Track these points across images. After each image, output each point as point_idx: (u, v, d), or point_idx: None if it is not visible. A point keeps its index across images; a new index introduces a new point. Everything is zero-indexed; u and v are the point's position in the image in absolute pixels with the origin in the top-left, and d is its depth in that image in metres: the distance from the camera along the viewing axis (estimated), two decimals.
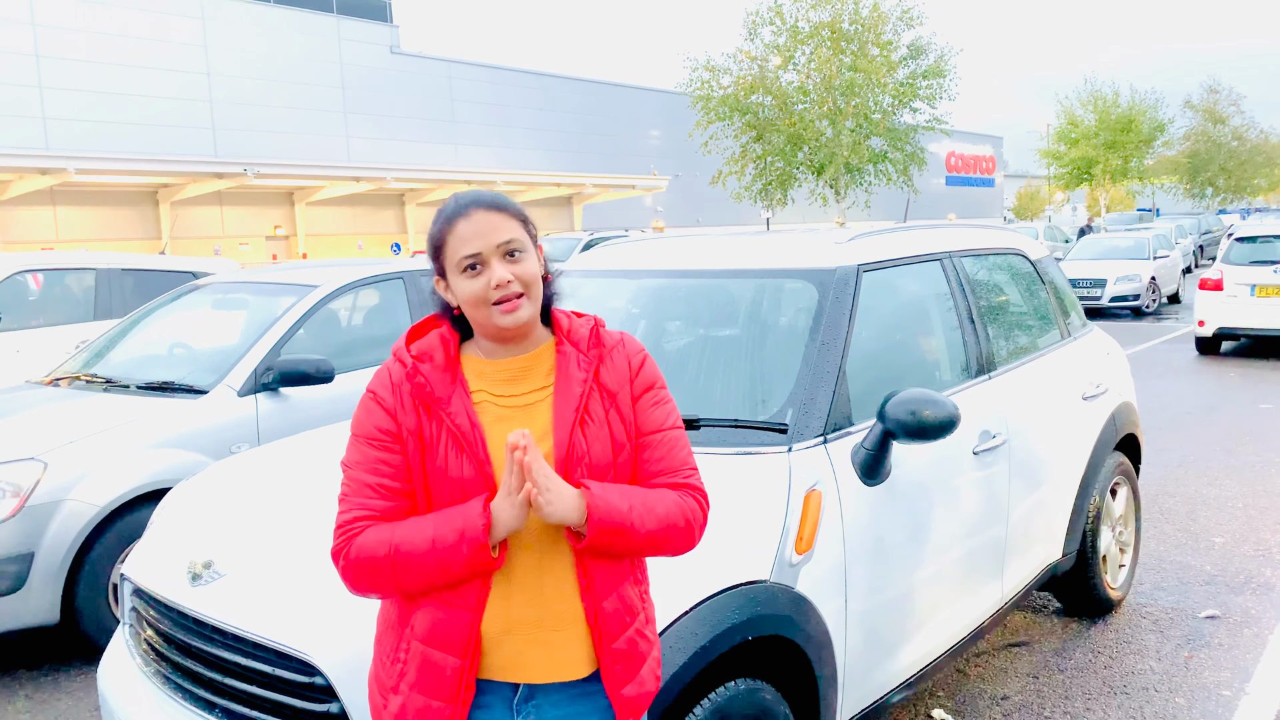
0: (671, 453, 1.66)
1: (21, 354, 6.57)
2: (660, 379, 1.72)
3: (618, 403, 1.65)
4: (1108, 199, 39.61)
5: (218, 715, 2.19)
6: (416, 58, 33.24)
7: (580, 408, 1.61)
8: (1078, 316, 4.43)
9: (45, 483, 3.89)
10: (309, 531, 2.33)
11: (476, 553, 1.50)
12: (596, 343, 1.68)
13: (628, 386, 1.67)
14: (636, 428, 1.66)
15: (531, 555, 1.58)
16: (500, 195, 1.65)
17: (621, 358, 1.68)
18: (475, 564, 1.52)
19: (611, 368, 1.67)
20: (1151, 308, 17.62)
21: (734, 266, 3.27)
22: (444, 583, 1.54)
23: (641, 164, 37.91)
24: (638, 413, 1.67)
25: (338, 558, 1.56)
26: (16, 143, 23.21)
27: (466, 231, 1.58)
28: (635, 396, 1.67)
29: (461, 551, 1.50)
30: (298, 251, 28.03)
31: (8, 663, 4.18)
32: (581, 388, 1.62)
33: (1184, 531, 5.40)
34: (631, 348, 1.71)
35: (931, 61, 23.36)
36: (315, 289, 5.04)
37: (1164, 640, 4.03)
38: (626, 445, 1.64)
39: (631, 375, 1.68)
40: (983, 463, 3.25)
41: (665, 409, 1.69)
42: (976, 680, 3.74)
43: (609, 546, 1.55)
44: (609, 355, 1.68)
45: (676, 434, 1.69)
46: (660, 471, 1.65)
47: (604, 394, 1.64)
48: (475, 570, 1.53)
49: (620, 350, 1.69)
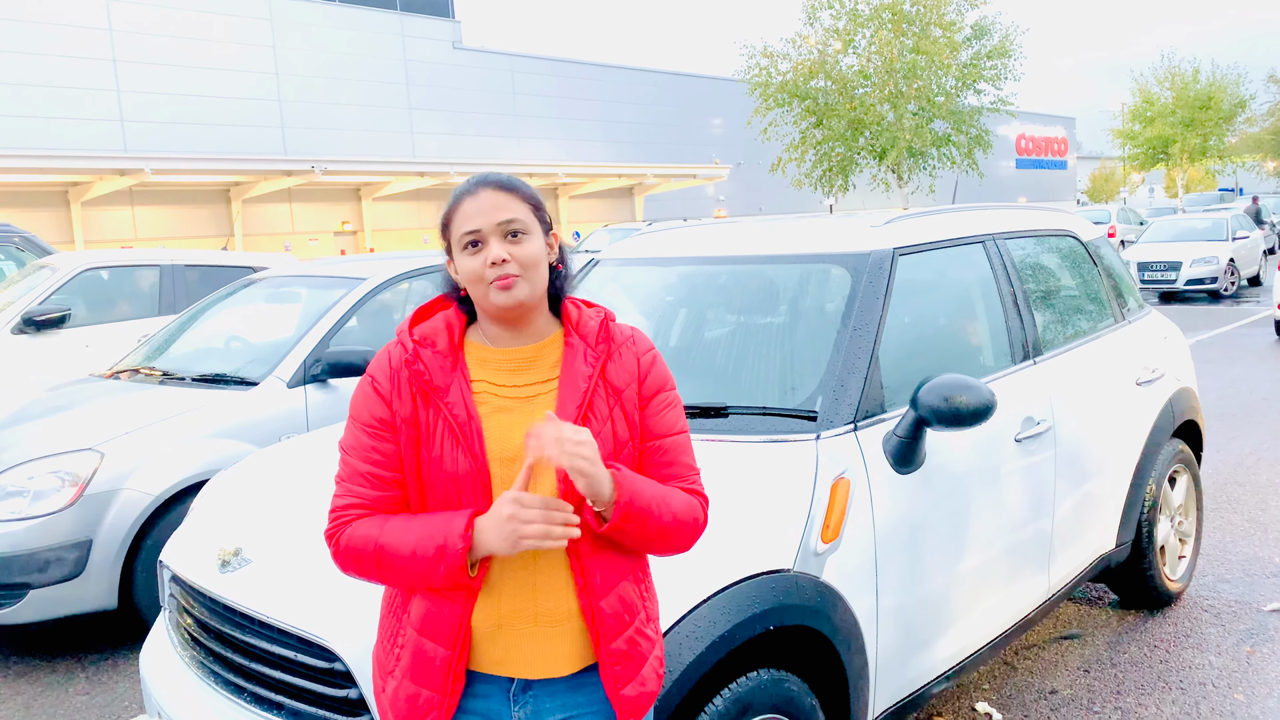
0: (679, 458, 1.65)
1: (90, 348, 6.79)
2: (670, 380, 1.69)
3: (623, 400, 1.61)
4: (1185, 179, 38.29)
5: (246, 699, 2.24)
6: (479, 52, 33.54)
7: (584, 404, 1.57)
8: (1134, 299, 4.28)
9: (103, 472, 4.02)
10: None
11: (453, 571, 1.49)
12: (605, 337, 1.65)
13: (635, 385, 1.63)
14: (646, 431, 1.63)
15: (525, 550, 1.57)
16: (515, 178, 1.63)
17: (630, 355, 1.65)
18: (451, 581, 1.51)
19: (619, 364, 1.63)
20: (1230, 291, 17.00)
21: (768, 252, 3.23)
22: (426, 588, 1.54)
23: (703, 153, 37.75)
24: (647, 416, 1.64)
25: (330, 541, 1.57)
26: (96, 145, 24.04)
27: (470, 209, 1.57)
28: (644, 397, 1.64)
29: (439, 569, 1.49)
30: (365, 246, 28.56)
31: (70, 646, 4.34)
32: (587, 383, 1.59)
33: (1252, 522, 5.20)
34: (641, 345, 1.67)
35: (996, 42, 22.81)
36: (364, 281, 5.12)
37: (1225, 634, 3.88)
38: (629, 444, 1.61)
39: (641, 374, 1.64)
40: (1026, 450, 3.16)
41: (675, 412, 1.67)
42: (1024, 673, 3.65)
43: (630, 533, 1.53)
44: (618, 351, 1.64)
45: (684, 439, 1.67)
46: (668, 477, 1.63)
47: (609, 391, 1.61)
48: (452, 586, 1.52)
49: (630, 347, 1.66)
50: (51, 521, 3.91)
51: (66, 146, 23.21)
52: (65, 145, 23.31)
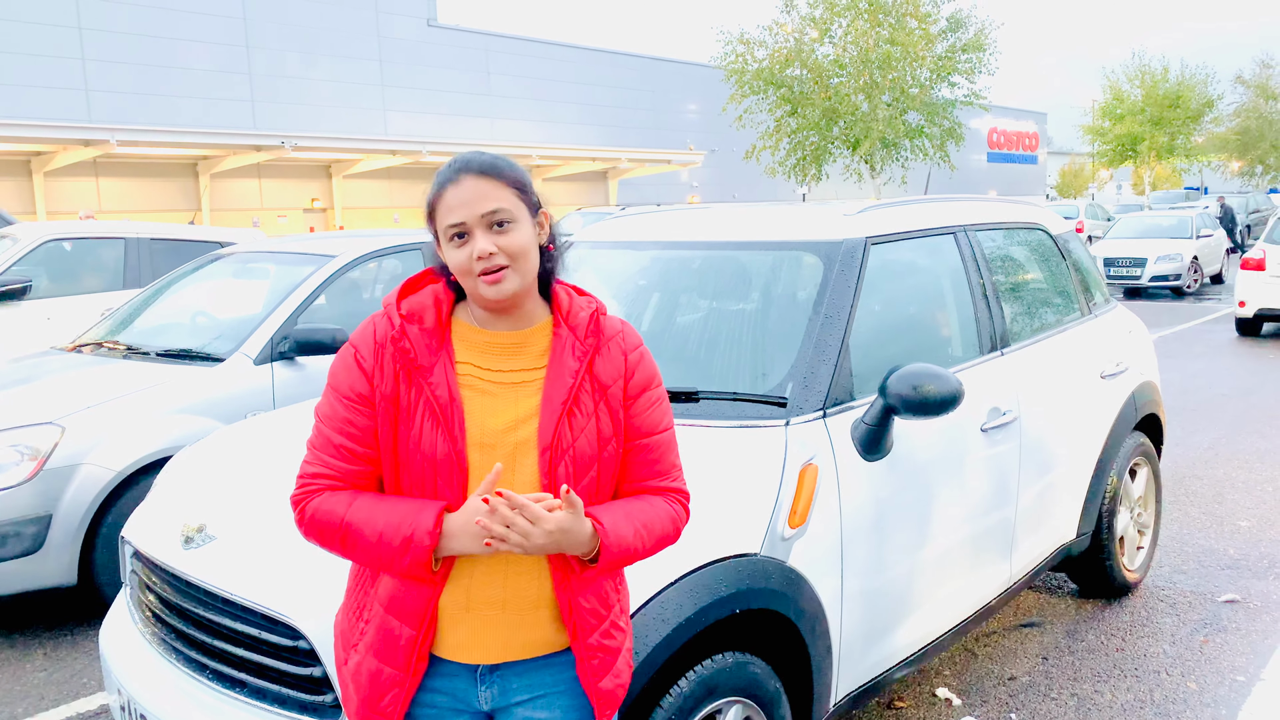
0: (665, 456, 1.65)
1: (52, 321, 6.68)
2: (657, 377, 1.67)
3: (608, 396, 1.59)
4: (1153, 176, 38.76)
5: (208, 676, 2.22)
6: (454, 30, 33.17)
7: (569, 399, 1.55)
8: (1100, 294, 4.34)
9: (63, 447, 3.95)
10: None
11: (417, 564, 1.48)
12: (595, 331, 1.62)
13: (621, 381, 1.61)
14: (632, 428, 1.62)
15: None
16: (499, 159, 1.57)
17: (619, 351, 1.63)
18: (414, 574, 1.50)
19: (607, 359, 1.61)
20: (1193, 288, 17.27)
21: (741, 238, 3.23)
22: (388, 574, 1.54)
23: (678, 139, 37.65)
24: (634, 413, 1.62)
25: (295, 507, 1.55)
26: (60, 114, 23.55)
27: (453, 200, 1.52)
28: (630, 395, 1.62)
29: (403, 560, 1.48)
30: (335, 224, 28.25)
31: (28, 621, 4.28)
32: (573, 379, 1.57)
33: (1209, 515, 5.30)
34: (630, 341, 1.65)
35: (971, 35, 22.91)
36: (333, 259, 5.07)
37: (1180, 624, 3.96)
38: (612, 440, 1.59)
39: (628, 371, 1.62)
40: (991, 440, 3.20)
41: (661, 409, 1.66)
42: (984, 660, 3.70)
43: (615, 566, 1.56)
44: (606, 346, 1.62)
45: (669, 436, 1.66)
46: (652, 475, 1.62)
47: (596, 386, 1.59)
48: (414, 578, 1.52)
49: (618, 342, 1.63)
50: (9, 496, 3.85)
51: (29, 115, 22.71)
52: (28, 114, 22.81)
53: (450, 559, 1.53)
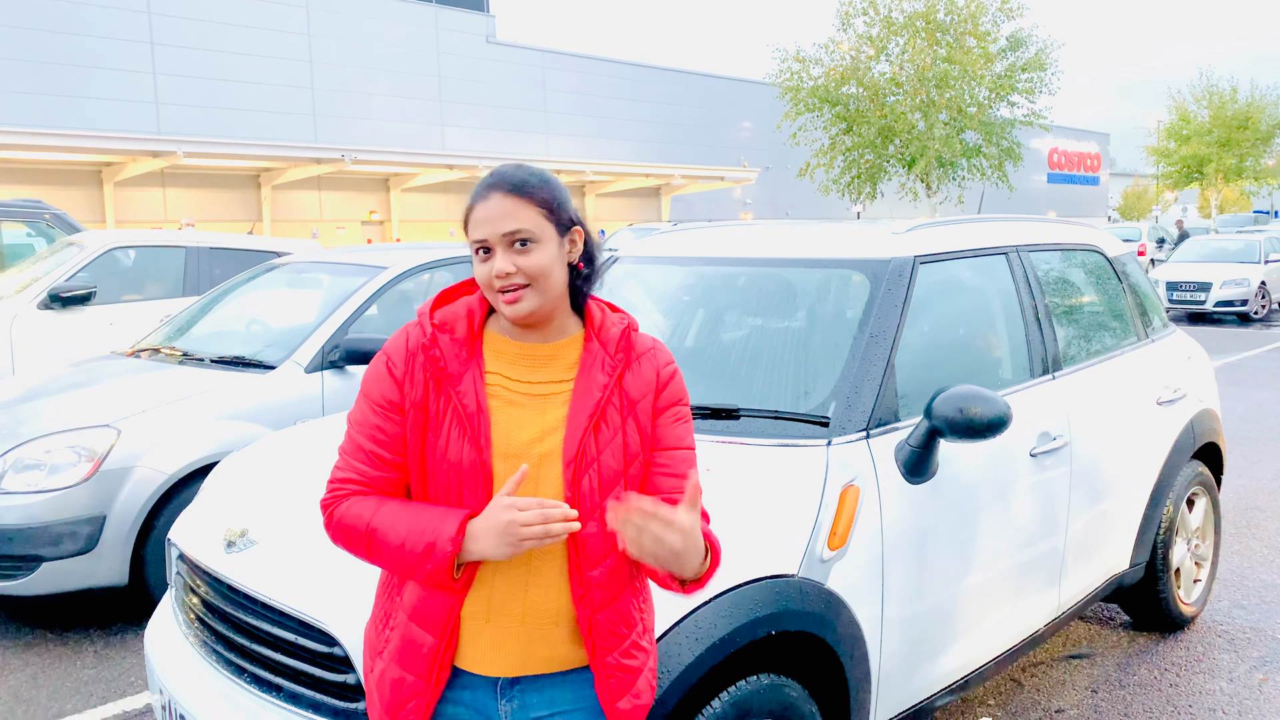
0: (685, 470, 1.63)
1: (114, 326, 6.85)
2: (685, 395, 1.67)
3: (636, 412, 1.59)
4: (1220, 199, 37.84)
5: (246, 680, 2.25)
6: (511, 47, 33.60)
7: (596, 412, 1.55)
8: (1158, 318, 4.23)
9: (118, 449, 4.05)
10: None
11: (439, 571, 1.48)
12: (626, 346, 1.62)
13: (650, 397, 1.61)
14: (656, 440, 1.62)
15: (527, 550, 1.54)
16: (531, 177, 1.56)
17: (650, 367, 1.63)
18: (436, 580, 1.50)
19: (637, 375, 1.61)
20: (1261, 314, 16.79)
21: (787, 255, 3.21)
22: (411, 579, 1.54)
23: (731, 155, 37.64)
24: (658, 426, 1.62)
25: (324, 510, 1.57)
26: (131, 127, 24.27)
27: (480, 216, 1.54)
28: (659, 408, 1.62)
29: (425, 566, 1.48)
30: (392, 236, 28.69)
31: (81, 620, 4.38)
32: (601, 392, 1.57)
33: (1271, 548, 5.12)
34: (661, 359, 1.65)
35: (1032, 54, 22.62)
36: (384, 270, 5.13)
37: (1238, 660, 3.82)
38: (639, 456, 1.59)
39: (658, 387, 1.62)
40: (1040, 465, 3.13)
41: (685, 427, 1.65)
42: (1031, 690, 3.61)
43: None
44: (637, 362, 1.62)
45: (692, 455, 1.65)
46: (671, 489, 1.61)
47: (624, 401, 1.59)
48: (435, 585, 1.52)
49: (650, 359, 1.63)
50: (66, 495, 3.95)
51: (101, 127, 23.45)
52: (100, 125, 23.55)
53: (472, 568, 1.53)
